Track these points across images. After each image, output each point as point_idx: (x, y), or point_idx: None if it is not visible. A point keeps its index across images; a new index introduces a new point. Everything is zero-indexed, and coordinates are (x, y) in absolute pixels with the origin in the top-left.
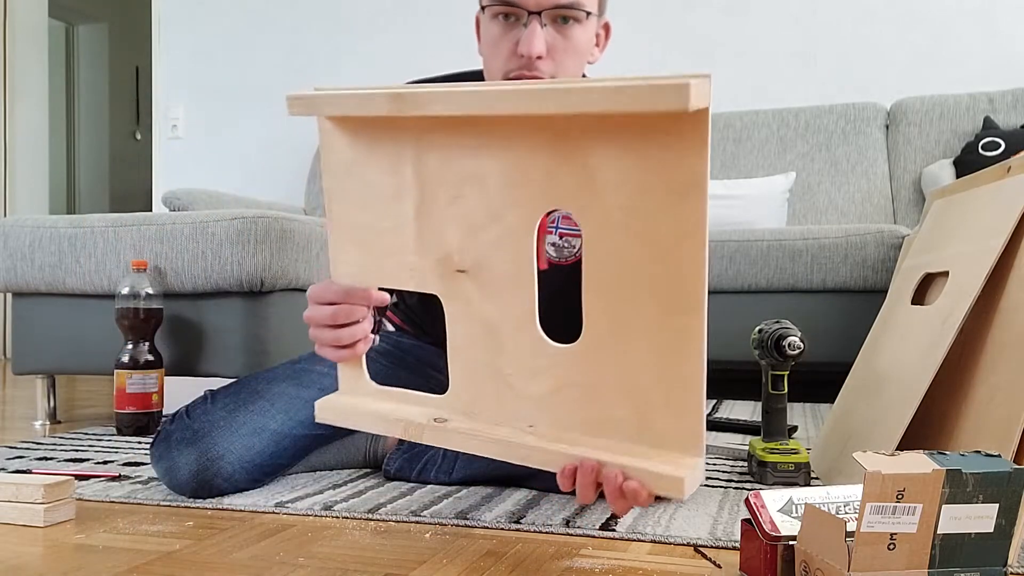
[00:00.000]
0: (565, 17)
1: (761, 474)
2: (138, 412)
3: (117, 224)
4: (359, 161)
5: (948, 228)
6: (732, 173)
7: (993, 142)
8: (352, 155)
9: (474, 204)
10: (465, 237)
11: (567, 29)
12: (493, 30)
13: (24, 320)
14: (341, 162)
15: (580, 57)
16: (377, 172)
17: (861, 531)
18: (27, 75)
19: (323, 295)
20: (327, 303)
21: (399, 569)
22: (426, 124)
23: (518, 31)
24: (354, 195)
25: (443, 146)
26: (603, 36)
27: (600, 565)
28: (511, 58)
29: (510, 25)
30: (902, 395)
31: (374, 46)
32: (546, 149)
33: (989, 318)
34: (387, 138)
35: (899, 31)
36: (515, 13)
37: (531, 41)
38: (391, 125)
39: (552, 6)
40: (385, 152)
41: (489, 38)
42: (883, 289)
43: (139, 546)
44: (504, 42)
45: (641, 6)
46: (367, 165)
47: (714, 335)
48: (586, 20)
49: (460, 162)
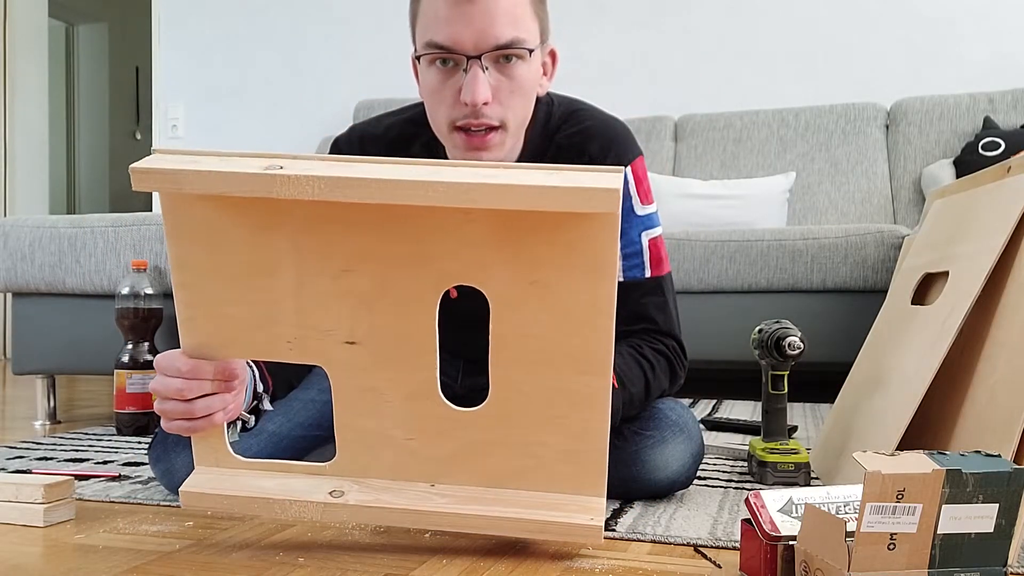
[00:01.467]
0: (508, 56)
1: (761, 474)
2: (138, 412)
3: (117, 224)
4: (219, 233)
5: (948, 228)
6: (732, 173)
7: (993, 142)
8: (210, 226)
9: (367, 278)
10: (356, 310)
11: (510, 69)
12: (432, 78)
13: (24, 320)
14: (195, 232)
15: (527, 95)
16: (243, 246)
17: (861, 531)
18: (27, 75)
19: (171, 366)
20: (175, 375)
21: (399, 569)
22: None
23: (459, 77)
24: (212, 266)
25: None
26: (550, 64)
27: (600, 565)
28: (455, 106)
29: (449, 71)
30: (902, 395)
31: (374, 46)
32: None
33: (989, 318)
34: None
35: (899, 31)
36: (454, 59)
37: (475, 88)
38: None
39: (492, 48)
40: (254, 226)
41: (429, 86)
42: (883, 289)
43: (139, 546)
44: (446, 90)
45: (642, 6)
46: (230, 238)
47: (714, 335)
48: (529, 57)
49: (351, 237)
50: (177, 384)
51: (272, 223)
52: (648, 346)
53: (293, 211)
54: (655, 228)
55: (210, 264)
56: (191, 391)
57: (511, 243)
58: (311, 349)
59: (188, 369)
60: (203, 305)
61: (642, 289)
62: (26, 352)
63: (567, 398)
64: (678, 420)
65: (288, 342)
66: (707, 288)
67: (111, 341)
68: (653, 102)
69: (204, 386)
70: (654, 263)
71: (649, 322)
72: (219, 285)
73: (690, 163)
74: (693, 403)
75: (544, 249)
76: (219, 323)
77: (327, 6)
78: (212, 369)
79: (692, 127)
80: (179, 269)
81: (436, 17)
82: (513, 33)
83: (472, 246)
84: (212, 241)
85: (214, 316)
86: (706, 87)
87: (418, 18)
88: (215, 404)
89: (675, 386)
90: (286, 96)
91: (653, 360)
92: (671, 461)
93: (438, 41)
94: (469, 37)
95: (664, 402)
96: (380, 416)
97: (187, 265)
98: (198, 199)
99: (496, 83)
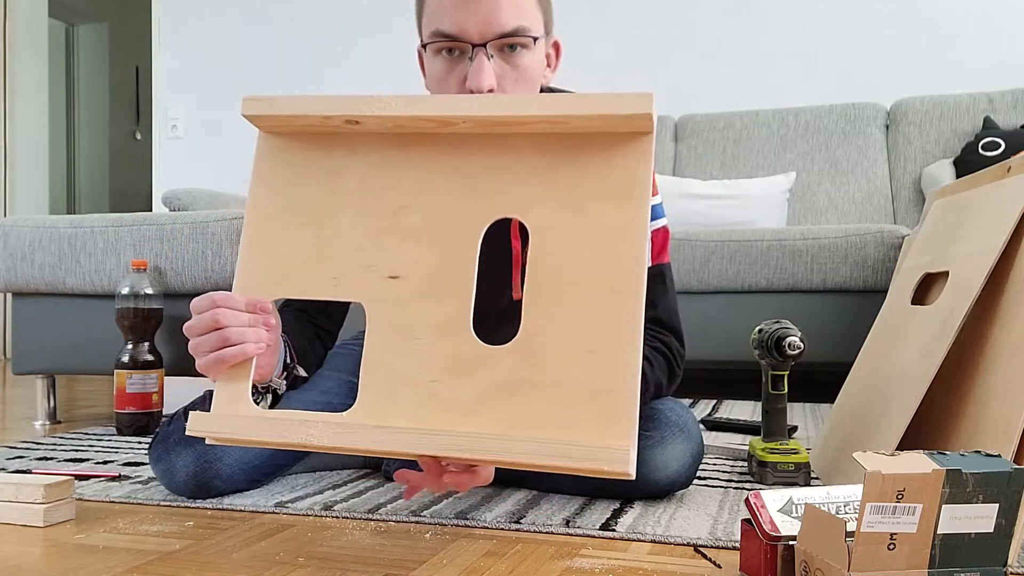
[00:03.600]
0: (512, 45)
1: (761, 474)
2: (138, 412)
3: (117, 224)
4: (297, 175)
5: (948, 228)
6: (732, 173)
7: (993, 142)
8: (290, 169)
9: (419, 214)
10: (404, 244)
11: (515, 57)
12: (438, 66)
13: (24, 320)
14: (278, 175)
15: (532, 83)
16: (315, 185)
17: (861, 531)
18: (27, 75)
19: (205, 300)
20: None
21: (399, 569)
22: (376, 140)
23: (464, 66)
24: (283, 208)
25: (392, 161)
26: (554, 55)
27: (600, 565)
28: (461, 94)
29: (455, 60)
30: (902, 395)
31: (374, 46)
32: (498, 163)
33: (989, 318)
34: (332, 151)
35: (899, 31)
36: (459, 47)
37: (479, 76)
38: (337, 140)
39: (496, 36)
40: (327, 165)
41: (435, 75)
42: (883, 289)
43: (139, 546)
44: (451, 78)
45: (643, 6)
46: (305, 178)
47: (714, 335)
48: (534, 45)
49: (408, 173)
50: (211, 314)
51: (345, 164)
52: (647, 344)
53: (367, 150)
54: (660, 219)
55: (282, 203)
56: (225, 318)
57: (552, 174)
58: (355, 285)
59: (221, 298)
60: (263, 243)
61: None
62: (26, 352)
63: (599, 328)
64: (678, 420)
65: (334, 278)
66: (707, 288)
67: (111, 341)
68: None
69: (239, 316)
70: (655, 253)
71: (651, 309)
72: (283, 223)
73: (690, 163)
74: (693, 403)
75: (582, 178)
76: (274, 260)
77: (327, 6)
78: (244, 301)
79: (692, 127)
80: (253, 210)
81: (442, 6)
82: (518, 22)
83: (518, 181)
84: (290, 181)
85: (270, 253)
86: (706, 87)
87: (424, 8)
88: (248, 334)
89: (673, 384)
90: None
91: (652, 359)
92: (671, 461)
93: (444, 30)
94: (474, 25)
95: (664, 402)
96: (408, 354)
97: (261, 206)
98: (289, 142)
99: (501, 71)
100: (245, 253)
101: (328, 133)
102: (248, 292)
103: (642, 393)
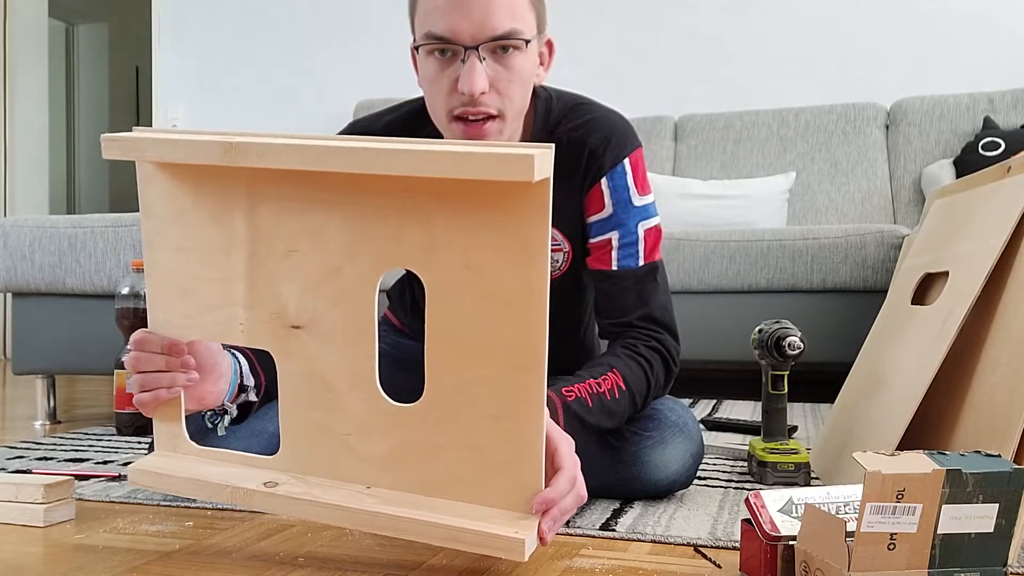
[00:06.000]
0: (505, 47)
1: (761, 474)
2: (138, 412)
3: (117, 224)
4: (184, 208)
5: (948, 228)
6: (732, 173)
7: (993, 142)
8: (176, 202)
9: (312, 259)
10: (302, 292)
11: (507, 59)
12: (430, 67)
13: (24, 320)
14: (163, 208)
15: (524, 84)
16: (204, 221)
17: (861, 531)
18: (27, 75)
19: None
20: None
21: (399, 569)
22: (261, 174)
23: (456, 67)
24: (177, 243)
25: (279, 198)
26: (547, 54)
27: (600, 565)
28: (452, 95)
29: (447, 61)
30: (902, 395)
31: (374, 46)
32: (391, 208)
33: (989, 318)
34: (217, 186)
35: (899, 31)
36: (451, 49)
37: (471, 79)
38: (222, 173)
39: (489, 39)
40: (214, 201)
41: (427, 76)
42: (883, 289)
43: (139, 546)
44: (443, 80)
45: (642, 6)
46: (193, 213)
47: (714, 335)
48: (526, 47)
49: (298, 216)
50: (128, 359)
51: (229, 200)
52: (643, 344)
53: (249, 188)
54: (652, 218)
55: (175, 241)
56: (139, 363)
57: (444, 223)
58: (262, 333)
59: (137, 341)
60: (166, 282)
61: (635, 276)
62: (26, 352)
63: (501, 396)
64: (678, 420)
65: (240, 324)
66: (707, 288)
67: (111, 341)
68: (653, 102)
69: (154, 360)
70: (647, 251)
71: (644, 307)
72: (181, 262)
73: (690, 163)
74: (693, 403)
75: (477, 232)
76: (182, 301)
77: (327, 6)
78: (159, 342)
79: (692, 127)
80: (148, 246)
81: (435, 8)
82: (510, 24)
83: (410, 229)
84: (177, 217)
85: (177, 292)
86: (706, 87)
87: (417, 8)
88: (163, 380)
89: (669, 383)
90: (286, 96)
91: (650, 358)
92: (671, 461)
93: (436, 32)
94: (467, 28)
95: (664, 402)
96: (322, 407)
97: (155, 242)
98: (168, 174)
99: (493, 73)
100: (152, 291)
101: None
102: (164, 331)
103: (642, 394)
